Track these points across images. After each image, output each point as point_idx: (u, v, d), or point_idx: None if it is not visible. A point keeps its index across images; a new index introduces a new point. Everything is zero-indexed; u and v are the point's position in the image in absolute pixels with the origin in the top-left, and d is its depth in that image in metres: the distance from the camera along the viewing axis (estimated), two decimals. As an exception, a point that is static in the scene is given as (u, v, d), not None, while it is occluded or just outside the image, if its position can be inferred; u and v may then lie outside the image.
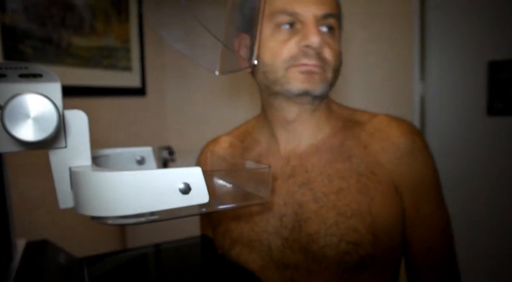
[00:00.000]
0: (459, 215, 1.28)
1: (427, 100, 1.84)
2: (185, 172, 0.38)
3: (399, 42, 1.77)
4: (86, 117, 0.41)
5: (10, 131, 0.30)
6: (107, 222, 0.39)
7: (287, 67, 0.62)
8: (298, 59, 0.61)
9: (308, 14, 0.61)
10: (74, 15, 1.64)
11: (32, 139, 0.31)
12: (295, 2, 0.61)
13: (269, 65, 0.63)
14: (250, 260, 0.66)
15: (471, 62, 1.75)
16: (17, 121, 0.31)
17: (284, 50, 0.62)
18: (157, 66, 2.12)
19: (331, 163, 0.66)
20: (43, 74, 0.40)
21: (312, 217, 0.63)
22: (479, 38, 1.73)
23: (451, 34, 1.78)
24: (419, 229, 0.66)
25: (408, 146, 0.65)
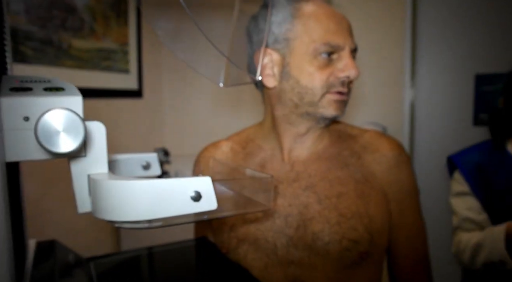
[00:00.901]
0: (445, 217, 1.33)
1: (417, 107, 1.90)
2: (196, 180, 0.42)
3: (392, 52, 1.82)
4: (104, 128, 0.44)
5: (44, 145, 0.33)
6: (123, 226, 0.43)
7: (324, 93, 0.69)
8: (334, 86, 0.69)
9: (346, 47, 0.69)
10: (74, 18, 1.66)
11: (64, 151, 0.34)
12: (336, 35, 0.68)
13: (308, 88, 0.69)
14: (256, 258, 0.72)
15: (459, 74, 1.82)
16: (50, 135, 0.34)
17: (323, 77, 0.68)
18: (154, 69, 2.14)
19: (331, 170, 0.73)
20: (65, 88, 0.43)
21: (317, 217, 0.69)
22: (468, 51, 1.80)
23: (441, 46, 1.85)
24: (403, 230, 0.76)
25: (396, 159, 0.74)
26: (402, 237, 0.76)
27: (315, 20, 0.68)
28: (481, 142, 1.20)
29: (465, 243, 1.10)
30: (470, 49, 1.79)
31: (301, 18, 0.69)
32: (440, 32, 1.85)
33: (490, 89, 1.74)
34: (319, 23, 0.68)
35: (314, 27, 0.68)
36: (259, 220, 0.72)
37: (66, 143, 0.35)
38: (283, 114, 0.74)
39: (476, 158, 1.15)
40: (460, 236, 1.13)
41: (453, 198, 1.19)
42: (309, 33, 0.68)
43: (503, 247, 0.99)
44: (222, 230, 0.76)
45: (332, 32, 0.68)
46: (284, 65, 0.71)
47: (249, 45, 0.75)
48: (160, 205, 0.40)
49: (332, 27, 0.68)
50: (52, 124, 0.34)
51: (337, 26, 0.69)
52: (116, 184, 0.40)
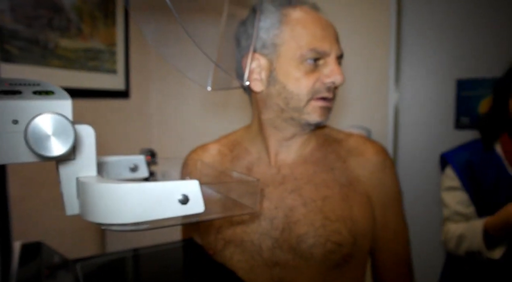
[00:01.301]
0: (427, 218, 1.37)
1: (401, 111, 1.94)
2: (184, 184, 0.43)
3: (376, 57, 1.86)
4: (93, 132, 0.45)
5: (34, 148, 0.34)
6: (111, 228, 0.43)
7: (309, 99, 0.70)
8: (320, 92, 0.70)
9: (333, 54, 0.70)
10: (61, 17, 1.65)
11: (53, 155, 0.35)
12: (322, 41, 0.69)
13: (293, 93, 0.70)
14: (242, 260, 0.72)
15: (441, 79, 1.87)
16: (40, 139, 0.34)
17: (310, 83, 0.69)
18: (142, 70, 2.14)
19: (317, 173, 0.74)
20: (54, 91, 0.43)
21: (302, 219, 0.70)
22: (449, 58, 1.85)
23: (424, 52, 1.89)
24: (386, 234, 0.77)
25: (380, 164, 0.76)
26: (385, 240, 0.78)
27: (302, 26, 0.69)
28: (471, 140, 1.27)
29: (451, 233, 1.19)
30: (451, 55, 1.84)
31: (289, 24, 0.70)
32: (423, 39, 1.89)
33: (470, 94, 1.79)
34: (306, 29, 0.69)
35: (301, 33, 0.69)
36: (245, 222, 0.73)
37: (56, 146, 0.35)
38: (269, 119, 0.75)
39: (467, 156, 1.21)
40: (448, 226, 1.22)
41: (444, 192, 1.26)
42: (296, 39, 0.69)
43: (481, 239, 1.07)
44: (209, 232, 0.77)
45: (318, 38, 0.69)
46: (271, 70, 0.71)
47: (237, 50, 0.75)
48: (148, 208, 0.41)
49: (319, 34, 0.69)
50: (42, 129, 0.35)
51: (324, 32, 0.70)
52: (105, 187, 0.40)
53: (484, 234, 1.08)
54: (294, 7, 0.72)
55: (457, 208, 1.20)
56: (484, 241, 1.07)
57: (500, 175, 1.15)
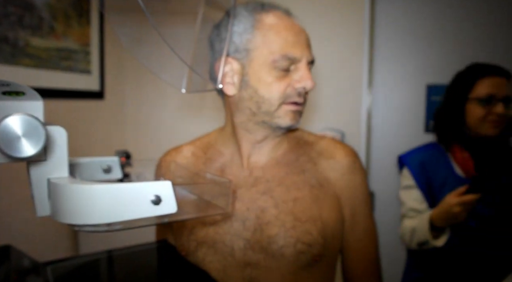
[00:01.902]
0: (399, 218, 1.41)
1: (374, 114, 2.00)
2: (157, 185, 0.43)
3: (350, 62, 1.91)
4: (65, 133, 0.45)
5: (3, 149, 0.34)
6: (83, 229, 0.43)
7: (280, 103, 0.71)
8: (291, 97, 0.71)
9: (304, 59, 0.71)
10: (32, 15, 1.61)
11: (24, 156, 0.35)
12: (293, 47, 0.70)
13: (265, 98, 0.71)
14: (215, 260, 0.73)
15: (412, 84, 1.94)
16: (9, 140, 0.34)
17: (281, 88, 0.70)
18: (117, 71, 2.11)
19: (289, 175, 0.76)
20: (25, 92, 0.43)
21: (273, 220, 0.72)
22: (420, 63, 1.92)
23: (396, 58, 1.96)
24: (355, 234, 0.79)
25: (349, 166, 0.78)
26: (354, 240, 0.80)
27: (274, 32, 0.70)
28: (425, 144, 1.40)
29: (406, 228, 1.30)
30: (422, 61, 1.91)
31: (261, 30, 0.71)
32: (395, 45, 1.96)
33: (439, 99, 1.86)
34: (278, 35, 0.70)
35: (273, 39, 0.70)
36: (217, 223, 0.74)
37: (26, 148, 0.35)
38: (241, 122, 0.76)
39: (420, 157, 1.34)
40: (404, 222, 1.33)
41: (402, 190, 1.37)
42: (268, 45, 0.70)
43: (428, 229, 1.20)
44: (182, 233, 0.77)
45: (290, 44, 0.70)
46: (243, 74, 0.72)
47: (211, 53, 0.76)
48: (120, 208, 0.41)
49: (291, 40, 0.70)
50: (12, 129, 0.35)
51: (296, 38, 0.71)
52: (76, 188, 0.40)
53: (430, 225, 1.19)
54: (267, 12, 0.73)
55: (412, 204, 1.31)
56: (431, 231, 1.19)
57: (449, 174, 1.27)
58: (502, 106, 1.19)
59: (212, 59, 0.75)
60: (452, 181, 1.26)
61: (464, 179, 1.25)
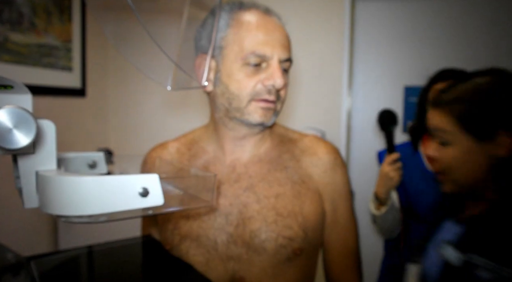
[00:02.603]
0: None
1: (353, 115, 2.05)
2: (144, 177, 0.45)
3: (331, 63, 1.95)
4: (54, 127, 0.46)
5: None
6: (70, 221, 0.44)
7: (250, 100, 0.72)
8: (260, 94, 0.72)
9: (275, 57, 0.72)
10: (11, 10, 1.58)
11: (16, 147, 0.36)
12: (264, 45, 0.71)
13: (234, 94, 0.72)
14: (198, 254, 0.75)
15: (391, 85, 2.00)
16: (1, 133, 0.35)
17: (250, 85, 0.71)
18: (99, 68, 2.09)
19: (271, 172, 0.78)
20: (13, 86, 0.44)
21: (255, 215, 0.74)
22: (399, 65, 1.98)
23: (375, 60, 2.02)
24: (336, 228, 0.82)
25: (331, 162, 0.80)
26: (335, 234, 0.82)
27: (245, 30, 0.72)
28: (402, 142, 1.51)
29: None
30: (400, 63, 1.97)
31: (234, 28, 0.72)
32: (374, 47, 2.01)
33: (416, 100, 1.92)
34: (248, 33, 0.71)
35: (243, 37, 0.71)
36: (201, 217, 0.76)
37: (18, 139, 0.36)
38: (220, 118, 0.78)
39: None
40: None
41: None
42: (238, 42, 0.71)
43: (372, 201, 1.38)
44: (167, 228, 0.78)
45: (260, 42, 0.71)
46: (217, 71, 0.74)
47: (194, 51, 0.78)
48: (109, 200, 0.42)
49: (261, 38, 0.71)
50: (3, 121, 0.36)
51: (267, 36, 0.71)
52: (66, 180, 0.41)
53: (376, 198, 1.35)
54: (244, 11, 0.74)
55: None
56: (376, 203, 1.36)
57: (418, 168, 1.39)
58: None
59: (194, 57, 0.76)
60: (420, 174, 1.37)
61: (431, 172, 1.35)
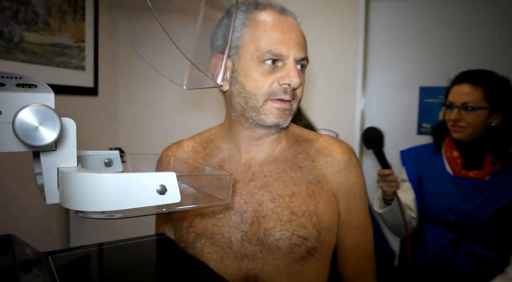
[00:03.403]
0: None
1: (367, 116, 2.03)
2: (162, 175, 0.45)
3: (345, 64, 1.94)
4: (75, 125, 0.47)
5: (22, 138, 0.36)
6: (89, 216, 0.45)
7: (266, 99, 0.72)
8: (276, 94, 0.72)
9: (291, 57, 0.72)
10: (27, 10, 1.61)
11: (42, 144, 0.36)
12: (279, 44, 0.71)
13: (251, 93, 0.73)
14: (213, 252, 0.75)
15: (405, 86, 1.98)
16: (27, 130, 0.36)
17: (267, 83, 0.72)
18: (111, 67, 2.11)
19: (286, 171, 0.78)
20: (37, 84, 0.45)
21: (270, 214, 0.74)
22: (413, 66, 1.96)
23: (390, 60, 2.00)
24: (350, 229, 0.82)
25: (346, 163, 0.80)
26: (349, 235, 0.82)
27: (261, 29, 0.72)
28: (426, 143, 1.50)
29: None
30: (416, 63, 1.96)
31: (250, 27, 0.73)
32: (389, 48, 2.00)
33: (432, 101, 1.90)
34: (264, 32, 0.72)
35: (259, 36, 0.72)
36: (216, 216, 0.76)
37: (43, 136, 0.37)
38: (236, 117, 0.78)
39: (416, 154, 1.46)
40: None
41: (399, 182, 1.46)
42: (254, 42, 0.72)
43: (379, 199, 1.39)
44: (181, 225, 0.79)
45: (276, 41, 0.71)
46: (233, 71, 0.75)
47: (210, 50, 0.78)
48: (128, 196, 0.43)
49: (277, 37, 0.71)
50: (30, 119, 0.37)
51: (283, 36, 0.72)
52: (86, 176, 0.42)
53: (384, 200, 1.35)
54: (259, 11, 0.74)
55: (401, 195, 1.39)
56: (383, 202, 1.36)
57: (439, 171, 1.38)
58: (456, 112, 1.29)
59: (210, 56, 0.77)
60: (440, 177, 1.36)
61: (452, 176, 1.34)
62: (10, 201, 1.51)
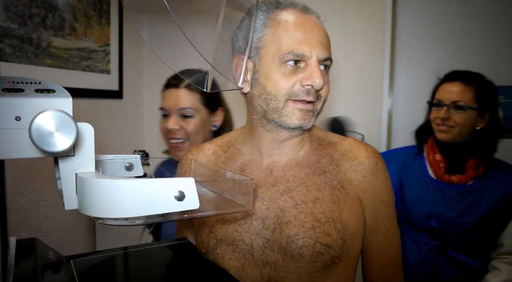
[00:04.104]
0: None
1: (394, 117, 1.97)
2: (180, 181, 0.44)
3: (371, 63, 1.89)
4: (92, 130, 0.46)
5: (38, 144, 0.35)
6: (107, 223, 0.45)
7: (286, 99, 0.70)
8: (299, 95, 0.70)
9: (313, 57, 0.69)
10: (55, 16, 1.65)
11: (57, 150, 0.36)
12: (302, 44, 0.69)
13: (271, 95, 0.71)
14: (234, 258, 0.74)
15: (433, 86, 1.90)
16: (43, 135, 0.36)
17: (288, 85, 0.69)
18: (135, 70, 2.14)
19: (309, 176, 0.75)
20: (55, 90, 0.45)
21: (292, 220, 0.71)
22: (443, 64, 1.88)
23: (417, 60, 1.93)
24: (376, 236, 0.78)
25: (372, 167, 0.77)
26: (375, 242, 0.79)
27: (283, 29, 0.70)
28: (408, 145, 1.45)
29: None
30: (445, 62, 1.88)
31: (271, 28, 0.71)
32: (417, 46, 1.93)
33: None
34: (286, 32, 0.70)
35: (281, 36, 0.70)
36: (237, 221, 0.75)
37: (59, 142, 0.37)
38: (258, 119, 0.76)
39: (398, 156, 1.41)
40: None
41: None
42: (275, 42, 0.70)
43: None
44: (202, 231, 0.78)
45: (298, 41, 0.69)
46: (254, 72, 0.73)
47: (232, 52, 0.77)
48: (145, 203, 0.42)
49: (299, 37, 0.69)
50: (46, 125, 0.36)
51: (305, 35, 0.69)
52: (103, 183, 0.41)
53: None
54: (281, 10, 0.72)
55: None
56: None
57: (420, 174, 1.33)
58: (444, 111, 1.24)
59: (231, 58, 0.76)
60: (422, 181, 1.31)
61: (435, 180, 1.29)
62: (40, 203, 1.55)
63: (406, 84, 1.96)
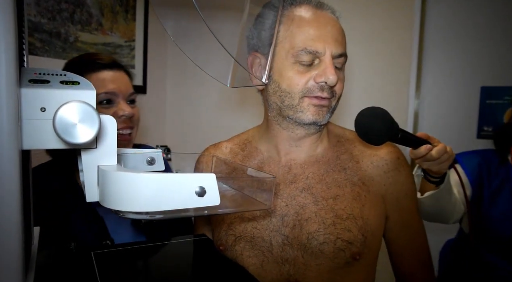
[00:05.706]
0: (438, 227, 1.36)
1: (421, 117, 1.92)
2: (201, 177, 0.43)
3: (398, 61, 1.84)
4: (115, 122, 0.46)
5: (61, 135, 0.35)
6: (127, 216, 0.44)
7: (302, 97, 0.69)
8: (313, 91, 0.69)
9: (327, 53, 0.68)
10: (82, 11, 1.68)
11: (79, 142, 0.36)
12: (315, 41, 0.68)
13: (286, 91, 0.70)
14: (253, 255, 0.73)
15: (464, 86, 1.83)
16: (67, 126, 0.36)
17: (302, 82, 0.69)
18: (159, 66, 2.16)
19: (329, 173, 0.75)
20: (80, 82, 0.45)
21: (313, 217, 0.71)
22: (474, 64, 1.81)
23: (447, 58, 1.87)
24: (406, 229, 0.78)
25: (394, 162, 0.76)
26: (405, 236, 0.78)
27: (296, 26, 0.69)
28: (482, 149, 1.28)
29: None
30: (476, 61, 1.81)
31: (285, 24, 0.70)
32: (447, 44, 1.87)
33: (495, 102, 1.75)
34: (299, 29, 0.69)
35: (294, 33, 0.69)
36: (256, 218, 0.74)
37: (81, 134, 0.36)
38: (273, 116, 0.76)
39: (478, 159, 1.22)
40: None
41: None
42: (289, 39, 0.69)
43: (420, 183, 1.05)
44: (220, 228, 0.78)
45: (311, 38, 0.68)
46: (264, 66, 0.72)
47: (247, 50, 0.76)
48: (166, 197, 0.42)
49: (312, 33, 0.68)
50: (69, 116, 0.36)
51: (318, 31, 0.68)
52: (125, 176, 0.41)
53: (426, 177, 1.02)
54: (295, 7, 0.71)
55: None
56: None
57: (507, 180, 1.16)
58: None
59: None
60: (509, 191, 1.16)
61: None
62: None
63: (434, 83, 1.90)
